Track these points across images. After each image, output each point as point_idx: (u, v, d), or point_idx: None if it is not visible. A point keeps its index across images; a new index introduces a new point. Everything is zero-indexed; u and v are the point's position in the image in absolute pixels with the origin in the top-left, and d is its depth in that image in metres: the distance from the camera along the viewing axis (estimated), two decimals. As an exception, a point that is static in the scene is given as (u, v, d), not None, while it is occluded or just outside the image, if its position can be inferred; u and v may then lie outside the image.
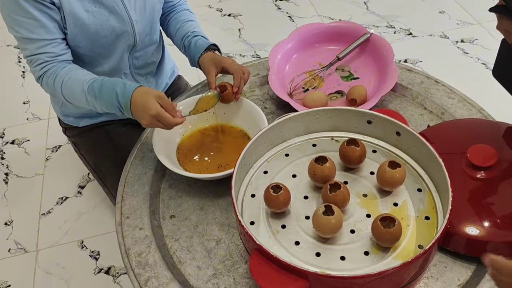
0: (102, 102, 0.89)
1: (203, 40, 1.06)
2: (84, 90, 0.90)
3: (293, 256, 0.67)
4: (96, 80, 0.90)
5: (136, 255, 0.82)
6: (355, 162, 0.75)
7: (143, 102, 0.84)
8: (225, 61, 0.98)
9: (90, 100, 0.91)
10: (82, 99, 0.92)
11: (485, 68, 1.84)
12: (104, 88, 0.89)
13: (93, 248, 1.43)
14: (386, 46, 1.10)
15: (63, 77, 0.92)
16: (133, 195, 0.91)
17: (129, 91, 0.86)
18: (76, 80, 0.92)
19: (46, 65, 0.93)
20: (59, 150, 1.72)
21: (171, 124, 0.85)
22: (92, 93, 0.90)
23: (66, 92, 0.94)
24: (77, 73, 0.93)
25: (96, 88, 0.89)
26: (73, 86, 0.92)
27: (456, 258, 0.76)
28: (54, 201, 1.58)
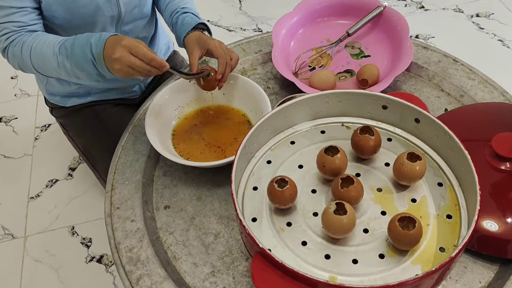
0: (74, 59, 0.77)
1: (191, 18, 0.95)
2: (55, 51, 0.79)
3: (300, 258, 0.60)
4: (69, 38, 0.79)
5: (127, 250, 0.75)
6: (369, 152, 0.68)
7: (116, 38, 0.73)
8: (211, 42, 0.87)
9: (61, 62, 0.78)
10: (53, 63, 0.80)
11: (502, 45, 1.74)
12: (77, 42, 0.77)
13: (84, 235, 1.37)
14: (401, 20, 1.01)
15: (32, 43, 0.81)
16: (124, 183, 0.84)
17: (104, 38, 0.74)
18: (46, 43, 0.80)
19: (12, 35, 0.83)
20: (49, 129, 1.64)
21: (148, 56, 0.72)
22: (63, 52, 0.78)
23: (35, 59, 0.82)
24: (47, 37, 0.82)
25: (68, 45, 0.77)
26: (42, 49, 0.80)
27: (477, 258, 0.70)
28: (43, 184, 1.50)
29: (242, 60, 1.04)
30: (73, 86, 1.02)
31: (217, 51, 0.86)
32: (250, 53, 1.06)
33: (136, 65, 0.72)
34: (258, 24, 1.96)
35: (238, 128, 0.89)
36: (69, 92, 1.04)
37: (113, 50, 0.72)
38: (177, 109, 0.92)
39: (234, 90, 0.92)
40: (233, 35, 1.94)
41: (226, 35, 1.94)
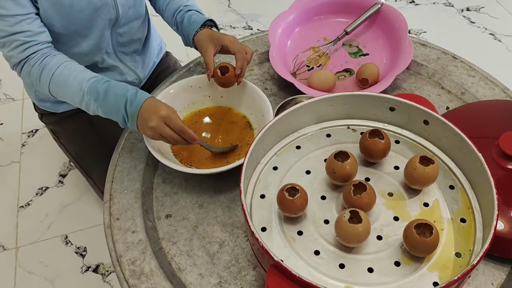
0: (105, 106, 0.77)
1: (198, 15, 0.93)
2: (83, 89, 0.77)
3: (313, 269, 0.58)
4: (100, 80, 0.78)
5: (130, 263, 0.72)
6: (379, 156, 0.66)
7: (154, 105, 0.74)
8: (225, 38, 0.86)
9: (88, 101, 0.78)
10: (76, 98, 0.79)
11: (493, 39, 1.74)
12: (111, 91, 0.76)
13: (79, 244, 1.33)
14: (399, 17, 1.00)
15: (54, 69, 0.78)
16: (122, 192, 0.81)
17: (140, 99, 0.75)
18: (73, 75, 0.78)
19: (27, 48, 0.79)
20: (36, 134, 1.58)
21: (181, 129, 0.74)
22: (94, 94, 0.77)
23: (54, 88, 0.80)
24: (73, 67, 0.79)
25: (101, 90, 0.77)
26: (67, 82, 0.78)
27: (487, 260, 0.69)
28: (33, 191, 1.45)
29: (238, 61, 1.01)
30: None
31: (233, 46, 0.85)
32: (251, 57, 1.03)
33: (169, 136, 0.74)
34: (248, 22, 1.93)
35: (239, 132, 0.87)
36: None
37: (150, 118, 0.73)
38: (174, 114, 0.89)
39: (234, 94, 0.89)
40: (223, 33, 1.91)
41: (215, 33, 1.90)
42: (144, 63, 1.06)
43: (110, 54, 0.96)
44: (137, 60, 1.03)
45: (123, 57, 0.99)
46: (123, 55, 0.99)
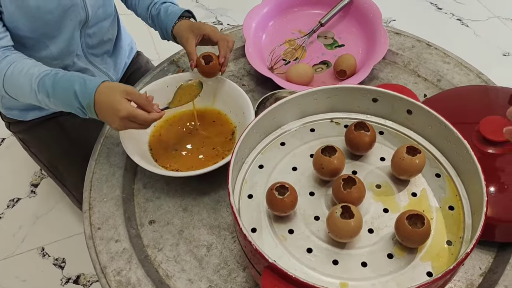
0: (57, 101, 0.73)
1: (174, 7, 0.90)
2: (34, 87, 0.73)
3: (307, 267, 0.57)
4: (48, 74, 0.73)
5: (115, 273, 0.70)
6: (365, 148, 0.65)
7: (110, 103, 0.70)
8: (206, 28, 0.84)
9: (42, 100, 0.74)
10: (32, 97, 0.75)
11: (460, 24, 1.78)
12: (58, 85, 0.72)
13: (56, 255, 1.27)
14: (373, 7, 1.00)
15: (4, 70, 0.74)
16: (102, 200, 0.78)
17: (91, 90, 0.70)
18: (22, 74, 0.74)
19: None
20: (4, 143, 1.50)
21: (148, 121, 0.72)
22: (43, 91, 0.73)
23: (10, 89, 0.76)
24: (22, 65, 0.75)
25: (49, 85, 0.73)
26: (19, 81, 0.74)
27: (476, 244, 0.70)
28: (4, 204, 1.38)
29: (213, 58, 0.99)
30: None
31: (215, 35, 0.84)
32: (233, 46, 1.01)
33: (136, 128, 0.73)
34: (218, 17, 1.90)
35: (220, 132, 0.84)
36: (29, 105, 0.95)
37: (112, 120, 0.71)
38: (151, 116, 0.86)
39: (210, 92, 0.87)
40: (192, 29, 1.87)
41: (185, 30, 1.86)
42: (116, 65, 1.02)
43: (80, 57, 0.91)
44: (108, 62, 0.99)
45: (93, 59, 0.95)
46: (94, 57, 0.95)
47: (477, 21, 1.76)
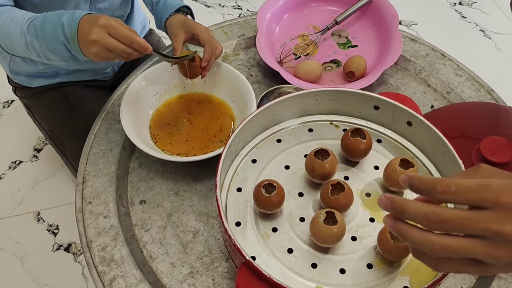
0: (44, 40, 0.68)
1: (174, 0, 0.89)
2: (23, 30, 0.70)
3: (285, 267, 0.57)
4: (38, 16, 0.70)
5: (100, 249, 0.71)
6: (360, 155, 0.65)
7: (91, 18, 0.65)
8: (198, 27, 0.82)
9: (30, 42, 0.70)
10: (21, 42, 0.71)
11: (483, 36, 1.74)
12: (47, 21, 0.68)
13: (51, 221, 1.29)
14: (391, 11, 0.98)
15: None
16: (96, 175, 0.79)
17: (77, 18, 0.66)
18: (14, 20, 0.71)
19: None
20: (12, 105, 1.52)
21: (128, 37, 0.65)
22: (32, 31, 0.69)
23: (2, 38, 0.73)
24: (14, 13, 0.73)
25: (38, 23, 0.68)
26: (10, 28, 0.71)
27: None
28: (6, 165, 1.40)
29: (224, 44, 0.98)
30: (40, 66, 0.94)
31: (204, 37, 0.81)
32: (232, 37, 1.01)
33: (116, 47, 0.65)
34: (238, 1, 1.88)
35: (220, 120, 0.84)
36: (36, 72, 0.96)
37: (90, 31, 0.64)
38: (154, 96, 0.86)
39: (217, 79, 0.87)
40: (211, 11, 1.86)
41: (203, 11, 1.85)
42: None
43: None
44: None
45: None
46: None
47: (500, 34, 1.71)
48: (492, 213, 0.35)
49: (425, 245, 0.37)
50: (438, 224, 0.36)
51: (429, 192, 0.37)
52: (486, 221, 0.35)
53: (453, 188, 0.36)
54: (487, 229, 0.35)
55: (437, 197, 0.37)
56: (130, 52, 0.67)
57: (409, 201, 0.38)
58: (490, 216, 0.35)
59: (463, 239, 0.36)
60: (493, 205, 0.35)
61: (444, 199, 0.37)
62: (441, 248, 0.36)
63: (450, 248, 0.36)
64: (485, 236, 0.35)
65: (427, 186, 0.37)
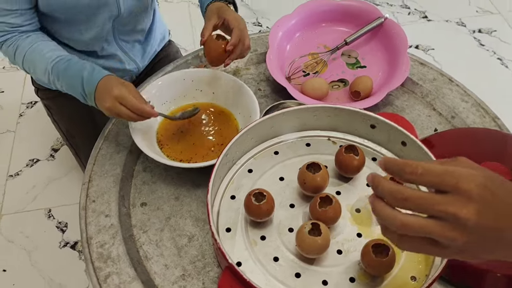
0: (64, 84, 0.80)
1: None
2: (48, 69, 0.80)
3: (270, 274, 0.59)
4: (63, 59, 0.80)
5: (99, 245, 0.74)
6: (352, 171, 0.67)
7: (107, 85, 0.74)
8: (231, 13, 0.81)
9: (52, 80, 0.81)
10: (44, 77, 0.82)
11: (500, 64, 1.73)
12: (70, 69, 0.78)
13: (60, 219, 1.34)
14: (401, 34, 0.99)
15: (26, 50, 0.81)
16: (102, 175, 0.82)
17: (96, 78, 0.76)
18: (41, 55, 0.81)
19: (5, 35, 0.82)
20: (35, 106, 1.60)
21: (136, 107, 0.73)
22: (55, 73, 0.79)
23: (27, 67, 0.83)
24: (41, 47, 0.81)
25: (61, 68, 0.79)
26: (35, 61, 0.81)
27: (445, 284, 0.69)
28: (23, 162, 1.47)
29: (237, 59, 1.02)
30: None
31: (233, 22, 0.79)
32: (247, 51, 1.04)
33: (125, 115, 0.74)
34: (259, 18, 1.93)
35: (224, 130, 0.87)
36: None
37: (104, 98, 0.74)
38: (164, 104, 0.90)
39: (225, 90, 0.90)
40: (233, 27, 1.91)
41: (225, 26, 1.91)
42: (144, 53, 1.06)
43: (111, 42, 0.96)
44: (138, 48, 1.04)
45: (123, 45, 1.00)
46: (124, 43, 1.00)
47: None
48: (451, 197, 0.37)
49: (389, 220, 0.40)
50: (401, 201, 0.39)
51: (398, 172, 0.40)
52: (444, 204, 0.37)
53: (420, 170, 0.39)
54: (444, 211, 0.37)
55: (405, 177, 0.39)
56: (136, 118, 0.76)
57: (383, 180, 0.41)
58: (448, 200, 0.37)
59: (423, 219, 0.38)
60: (452, 190, 0.37)
61: (411, 180, 0.39)
62: (402, 224, 0.39)
63: (409, 224, 0.38)
64: (443, 218, 0.37)
65: (398, 167, 0.40)
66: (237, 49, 0.79)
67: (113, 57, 0.99)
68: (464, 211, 0.36)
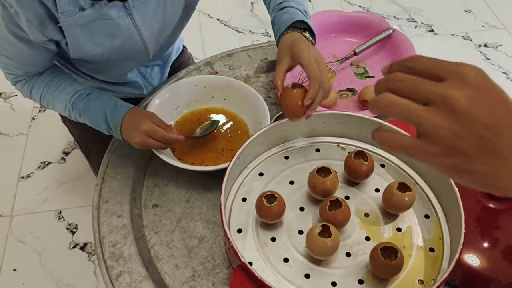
0: (87, 120, 0.82)
1: (289, 15, 0.79)
2: (68, 107, 0.82)
3: (280, 275, 0.60)
4: (81, 95, 0.81)
5: (111, 245, 0.75)
6: (361, 177, 0.68)
7: (134, 121, 0.77)
8: (304, 56, 0.69)
9: (74, 116, 0.83)
10: (65, 113, 0.84)
11: (505, 78, 1.75)
12: (90, 107, 0.81)
13: (70, 221, 1.37)
14: (408, 45, 1.01)
15: (42, 88, 0.83)
16: (115, 177, 0.84)
17: (120, 114, 0.78)
18: (59, 93, 0.82)
19: (21, 78, 0.83)
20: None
21: (165, 138, 0.76)
22: (76, 111, 0.82)
23: (46, 104, 0.85)
24: (58, 84, 0.82)
25: (81, 107, 0.81)
26: (54, 100, 0.83)
27: (453, 290, 0.70)
28: (35, 164, 1.50)
29: (247, 67, 1.04)
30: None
31: (310, 69, 0.68)
32: (255, 60, 1.06)
33: (155, 146, 0.78)
34: (267, 29, 1.96)
35: (235, 135, 0.89)
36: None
37: (133, 135, 0.76)
38: (176, 109, 0.92)
39: (236, 97, 0.92)
40: (241, 37, 1.94)
41: (234, 36, 1.94)
42: (162, 75, 1.08)
43: (133, 71, 0.98)
44: (156, 72, 1.05)
45: (144, 70, 1.01)
46: (144, 68, 1.02)
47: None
48: (445, 83, 0.34)
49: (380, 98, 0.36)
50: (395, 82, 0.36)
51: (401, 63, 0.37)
52: (434, 85, 0.34)
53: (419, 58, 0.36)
54: (432, 91, 0.34)
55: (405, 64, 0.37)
56: (166, 146, 0.80)
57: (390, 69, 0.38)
58: (442, 84, 0.34)
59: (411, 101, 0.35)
60: (448, 75, 0.34)
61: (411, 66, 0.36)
62: (389, 100, 0.36)
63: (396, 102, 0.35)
64: (431, 101, 0.34)
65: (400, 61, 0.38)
66: (317, 96, 0.68)
67: (133, 84, 1.01)
68: (454, 92, 0.33)
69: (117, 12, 0.75)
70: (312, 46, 0.75)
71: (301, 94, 0.67)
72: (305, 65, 0.69)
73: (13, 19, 0.69)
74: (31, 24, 0.68)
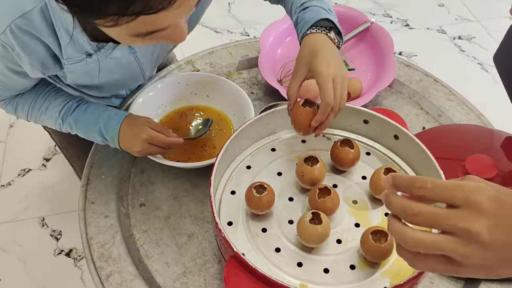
0: (80, 133, 0.80)
1: (312, 13, 0.74)
2: (58, 121, 0.79)
3: (272, 265, 0.60)
4: (70, 107, 0.78)
5: (99, 245, 0.74)
6: (348, 165, 0.69)
7: (132, 130, 0.75)
8: (321, 73, 0.65)
9: (66, 130, 0.81)
10: (56, 127, 0.81)
11: (480, 69, 1.79)
12: (81, 120, 0.78)
13: (54, 227, 1.34)
14: (386, 37, 1.03)
15: (28, 107, 0.80)
16: (100, 177, 0.83)
17: (115, 126, 0.76)
18: (46, 111, 0.79)
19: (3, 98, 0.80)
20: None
21: (167, 143, 0.76)
22: (68, 125, 0.79)
23: (34, 120, 0.83)
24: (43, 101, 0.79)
25: (71, 120, 0.78)
26: (42, 117, 0.80)
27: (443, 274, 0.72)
28: (15, 172, 1.47)
29: (228, 63, 1.04)
30: None
31: (324, 92, 0.64)
32: (236, 57, 1.07)
33: (156, 151, 0.77)
34: (246, 28, 1.97)
35: (219, 133, 0.89)
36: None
37: (133, 144, 0.75)
38: (159, 108, 0.91)
39: (219, 93, 0.92)
40: (220, 37, 1.94)
41: (212, 36, 1.94)
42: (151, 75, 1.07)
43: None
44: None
45: None
46: None
47: (498, 68, 1.78)
48: (462, 211, 0.36)
49: (401, 236, 0.39)
50: (411, 216, 0.38)
51: (408, 187, 0.39)
52: (455, 218, 0.36)
53: (429, 185, 0.38)
54: (455, 226, 0.36)
55: (414, 192, 0.39)
56: (166, 151, 0.79)
57: (395, 196, 0.40)
58: (459, 214, 0.36)
59: (435, 234, 0.37)
60: (463, 204, 0.36)
61: (421, 195, 0.38)
62: (414, 241, 0.38)
63: (421, 241, 0.37)
64: (455, 233, 0.36)
65: (407, 183, 0.39)
66: (326, 122, 0.67)
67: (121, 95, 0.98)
68: (476, 225, 0.35)
69: (122, 51, 0.74)
70: (335, 56, 0.70)
71: (311, 113, 0.66)
72: (321, 87, 0.65)
73: (13, 60, 0.66)
74: (33, 66, 0.67)
